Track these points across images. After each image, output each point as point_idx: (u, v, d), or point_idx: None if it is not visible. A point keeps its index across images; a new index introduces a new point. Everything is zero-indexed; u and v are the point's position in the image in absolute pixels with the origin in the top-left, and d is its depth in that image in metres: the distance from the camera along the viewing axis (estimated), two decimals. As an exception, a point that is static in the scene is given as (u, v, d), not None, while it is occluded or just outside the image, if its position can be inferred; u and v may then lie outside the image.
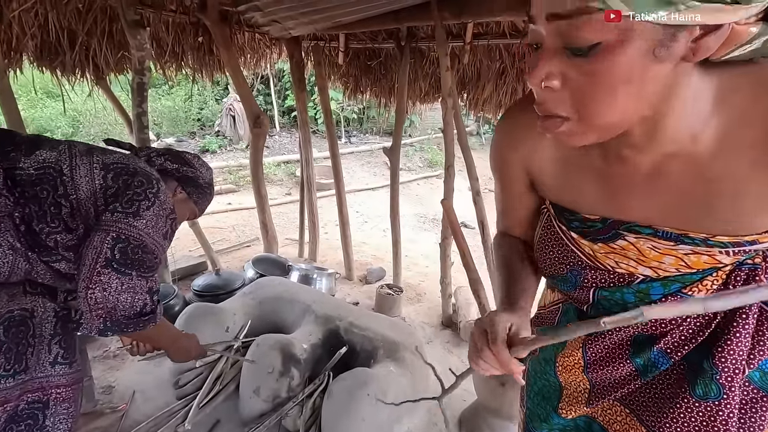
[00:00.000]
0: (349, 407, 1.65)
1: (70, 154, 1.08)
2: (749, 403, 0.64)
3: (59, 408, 1.15)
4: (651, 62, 0.45)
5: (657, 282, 0.64)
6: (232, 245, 4.16)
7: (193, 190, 1.34)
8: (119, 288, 1.00)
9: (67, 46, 2.67)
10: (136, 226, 1.05)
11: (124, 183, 1.08)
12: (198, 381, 2.01)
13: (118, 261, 1.01)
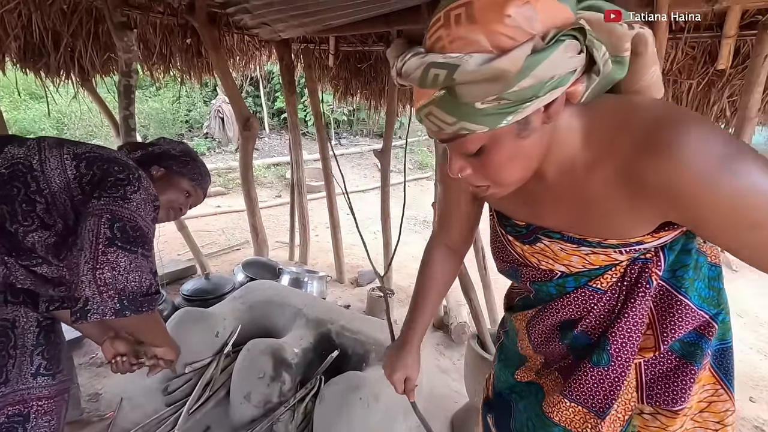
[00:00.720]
0: (341, 411, 1.64)
1: (39, 148, 1.04)
2: (673, 370, 0.75)
3: (40, 421, 1.11)
4: (522, 140, 0.59)
5: (570, 277, 0.76)
6: (222, 249, 4.12)
7: (171, 162, 1.26)
8: (128, 267, 0.96)
9: (52, 48, 2.62)
10: (128, 207, 1.01)
11: (101, 170, 1.04)
12: (187, 387, 1.98)
13: (121, 239, 0.96)
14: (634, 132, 0.58)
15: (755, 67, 1.69)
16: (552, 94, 0.55)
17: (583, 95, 0.59)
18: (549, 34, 0.52)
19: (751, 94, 1.71)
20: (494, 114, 0.55)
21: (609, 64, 0.58)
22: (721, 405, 0.79)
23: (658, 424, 0.76)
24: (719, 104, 2.13)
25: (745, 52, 1.95)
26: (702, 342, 0.73)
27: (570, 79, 0.55)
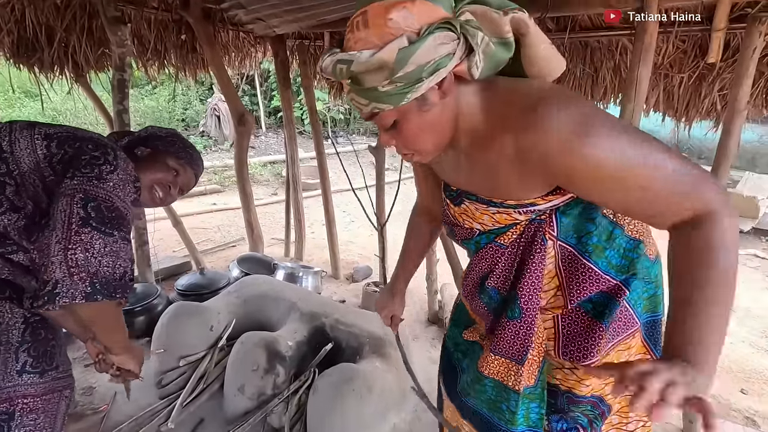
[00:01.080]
0: (334, 402, 1.65)
1: (10, 129, 1.00)
2: (585, 329, 0.84)
3: (25, 419, 1.08)
4: (425, 114, 0.71)
5: (484, 234, 0.90)
6: (217, 245, 4.12)
7: (157, 142, 1.22)
8: (102, 249, 0.91)
9: (45, 43, 2.62)
10: (103, 187, 0.95)
11: (73, 148, 1.00)
12: (181, 380, 1.99)
13: (96, 219, 0.91)
14: (518, 111, 0.69)
15: (744, 59, 1.70)
16: (438, 75, 0.66)
17: (475, 73, 0.69)
18: (423, 29, 0.63)
19: (740, 86, 1.73)
20: (395, 94, 0.67)
21: (491, 46, 0.69)
22: None
23: (575, 377, 0.86)
24: (710, 98, 2.15)
25: (735, 46, 1.97)
26: (611, 304, 0.83)
27: (449, 61, 0.66)
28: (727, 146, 1.80)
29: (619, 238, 0.83)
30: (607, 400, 0.88)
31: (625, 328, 0.85)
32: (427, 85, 0.66)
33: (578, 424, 0.87)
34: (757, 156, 7.64)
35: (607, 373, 0.62)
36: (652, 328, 0.89)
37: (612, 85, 2.41)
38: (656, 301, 0.88)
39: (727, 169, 1.87)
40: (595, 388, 0.86)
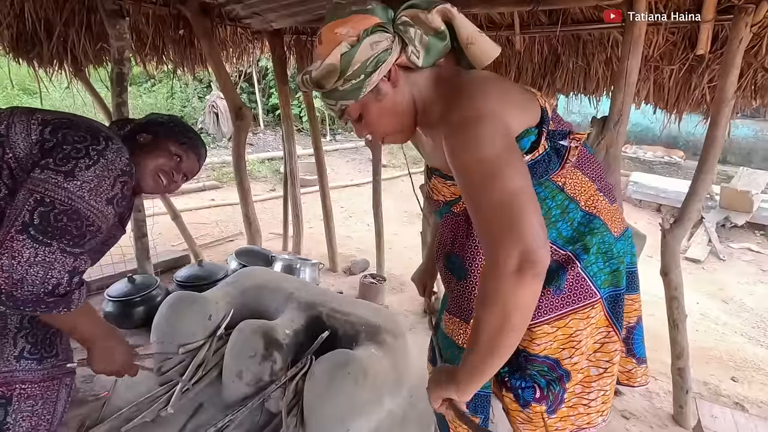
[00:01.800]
0: (330, 386, 1.68)
1: (10, 113, 1.01)
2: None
3: (23, 405, 1.09)
4: (381, 102, 0.86)
5: (446, 205, 1.01)
6: (216, 239, 4.15)
7: (158, 128, 1.21)
8: (31, 259, 0.88)
9: (44, 37, 2.64)
10: (67, 188, 0.93)
11: (62, 136, 0.98)
12: (180, 368, 2.02)
13: (36, 227, 0.89)
14: (447, 98, 0.83)
15: (731, 50, 1.73)
16: (382, 69, 0.81)
17: (416, 62, 0.83)
18: (360, 35, 0.79)
19: (727, 77, 1.76)
20: (352, 90, 0.82)
21: (425, 38, 0.82)
22: (611, 345, 0.96)
23: (527, 338, 0.93)
24: (699, 89, 2.19)
25: (723, 37, 2.00)
26: (560, 271, 0.89)
27: (389, 56, 0.81)
28: (715, 136, 1.84)
29: (573, 211, 0.91)
30: (564, 365, 0.93)
31: (582, 298, 0.91)
32: (377, 78, 0.82)
33: (536, 384, 0.94)
34: (752, 152, 7.69)
35: None
36: (615, 302, 0.95)
37: (604, 78, 2.44)
38: (618, 276, 0.94)
39: (716, 158, 1.90)
40: (548, 349, 0.93)
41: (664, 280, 2.03)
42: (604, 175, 0.99)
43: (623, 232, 0.97)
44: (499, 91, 0.82)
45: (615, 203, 0.98)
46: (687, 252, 4.75)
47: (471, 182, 0.74)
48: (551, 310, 0.90)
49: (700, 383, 2.37)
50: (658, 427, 2.01)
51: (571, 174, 0.91)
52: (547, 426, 0.97)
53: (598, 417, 0.99)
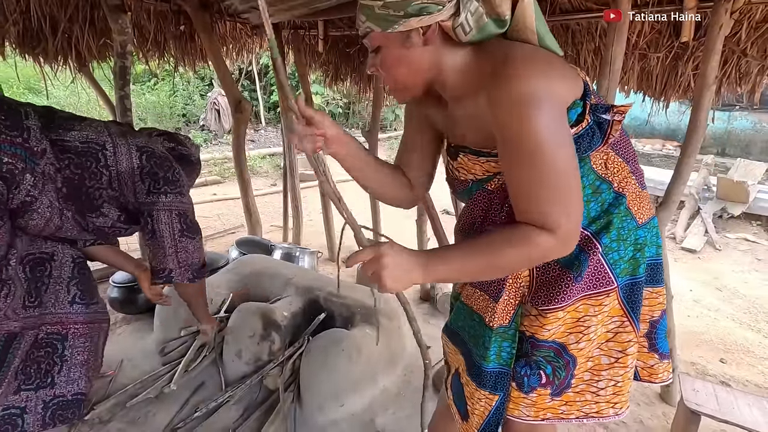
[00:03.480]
0: (325, 362, 1.76)
1: (109, 133, 1.31)
2: (555, 278, 0.89)
3: (77, 341, 1.34)
4: (406, 50, 0.82)
5: (476, 183, 0.95)
6: (217, 231, 4.23)
7: (185, 165, 1.51)
8: (193, 249, 1.43)
9: (49, 33, 2.72)
10: (185, 201, 1.41)
11: (155, 165, 1.35)
12: (183, 348, 2.10)
13: (187, 230, 1.40)
14: (494, 66, 0.78)
15: (712, 36, 1.78)
16: (423, 19, 0.78)
17: (462, 36, 0.81)
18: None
19: (708, 62, 1.81)
20: (384, 20, 0.80)
21: (484, 18, 0.80)
22: (625, 336, 0.92)
23: (538, 323, 0.91)
24: (685, 76, 2.24)
25: (707, 25, 2.04)
26: (581, 255, 0.87)
27: (436, 10, 0.77)
28: (697, 119, 1.89)
29: (605, 192, 0.88)
30: (570, 350, 0.91)
31: (599, 285, 0.88)
32: (413, 24, 0.79)
33: (541, 370, 0.92)
34: (751, 143, 7.70)
35: (355, 260, 0.80)
36: (632, 291, 0.91)
37: (593, 67, 2.49)
38: (636, 264, 0.91)
39: (699, 142, 1.95)
40: (556, 333, 0.90)
41: (650, 262, 2.08)
42: (636, 159, 0.96)
43: (648, 221, 0.93)
44: (547, 62, 0.79)
45: (645, 189, 0.95)
46: (683, 242, 4.79)
47: (528, 160, 0.75)
48: (570, 297, 0.87)
49: (688, 364, 2.43)
50: (645, 405, 2.07)
51: (609, 154, 0.89)
52: (549, 407, 0.94)
53: (609, 408, 0.94)
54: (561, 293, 0.86)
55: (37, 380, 1.26)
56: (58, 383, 1.29)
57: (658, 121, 8.93)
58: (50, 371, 1.28)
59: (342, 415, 1.76)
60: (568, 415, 0.95)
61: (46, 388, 1.27)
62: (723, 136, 8.08)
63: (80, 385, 1.33)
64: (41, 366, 1.27)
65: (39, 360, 1.27)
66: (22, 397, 1.23)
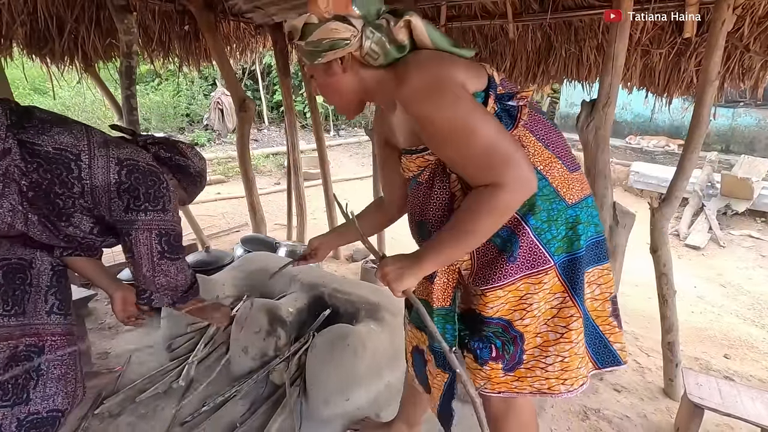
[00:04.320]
0: (331, 357, 1.77)
1: (88, 142, 1.17)
2: (492, 260, 0.97)
3: (54, 354, 1.25)
4: (331, 77, 0.97)
5: (413, 179, 1.08)
6: (222, 230, 4.26)
7: (184, 177, 1.41)
8: (175, 272, 1.29)
9: (56, 34, 2.75)
10: (167, 219, 1.25)
11: (137, 180, 1.20)
12: (190, 344, 2.13)
13: (168, 252, 1.26)
14: (398, 75, 0.93)
15: (714, 31, 1.79)
16: (337, 52, 0.92)
17: (371, 62, 0.95)
18: (327, 16, 0.89)
19: (711, 58, 1.82)
20: (311, 55, 0.95)
21: (386, 46, 0.93)
22: (567, 311, 0.98)
23: (482, 302, 0.99)
24: (688, 72, 2.24)
25: (709, 21, 2.05)
26: (512, 237, 0.95)
27: (344, 45, 0.91)
28: (700, 115, 1.90)
29: (539, 181, 0.94)
30: (516, 326, 0.98)
31: (536, 264, 0.95)
32: (331, 57, 0.93)
33: (492, 344, 1.00)
34: (755, 140, 7.66)
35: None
36: (570, 268, 0.97)
37: (596, 64, 2.50)
38: (571, 241, 0.97)
39: (701, 137, 1.96)
40: (500, 311, 0.98)
41: (653, 257, 2.09)
42: (563, 143, 1.03)
43: (580, 201, 0.99)
44: (438, 57, 0.93)
45: (576, 171, 1.01)
46: (687, 239, 4.79)
47: (455, 141, 0.86)
48: (506, 277, 0.94)
49: (692, 359, 2.44)
50: (648, 399, 2.08)
51: (526, 138, 0.96)
52: (503, 382, 1.02)
53: (560, 385, 1.00)
54: (497, 273, 0.95)
55: (14, 396, 1.18)
56: (33, 399, 1.21)
57: (662, 118, 8.90)
58: (26, 386, 1.20)
59: (348, 409, 1.78)
60: (521, 390, 1.03)
61: (21, 404, 1.19)
62: (727, 132, 8.06)
63: (56, 401, 1.25)
64: (18, 381, 1.18)
65: (17, 374, 1.18)
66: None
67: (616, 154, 7.59)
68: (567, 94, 10.42)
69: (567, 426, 1.80)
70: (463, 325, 1.06)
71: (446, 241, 0.91)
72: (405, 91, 0.89)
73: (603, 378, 2.20)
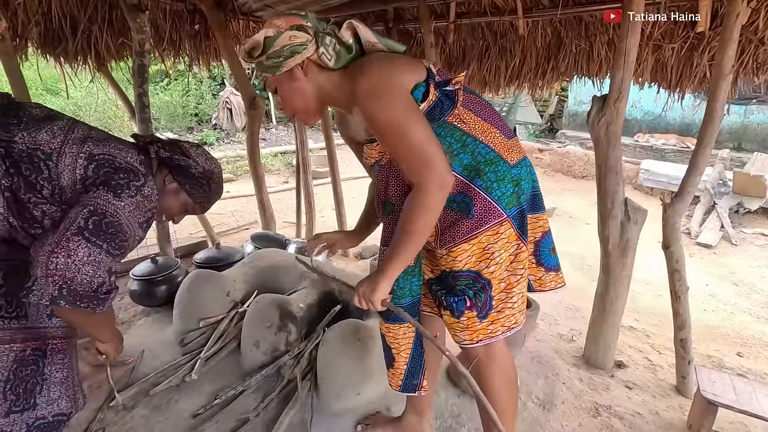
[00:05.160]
0: (342, 351, 1.78)
1: (63, 139, 1.08)
2: (455, 221, 1.10)
3: (55, 358, 1.23)
4: (295, 83, 1.10)
5: (376, 163, 1.23)
6: (231, 228, 4.29)
7: (186, 180, 1.28)
8: (84, 258, 0.98)
9: (70, 33, 2.79)
10: (115, 204, 1.05)
11: (106, 174, 1.08)
12: (202, 339, 2.15)
13: (90, 231, 1.00)
14: (352, 75, 1.06)
15: (728, 24, 1.77)
16: (297, 58, 1.05)
17: (327, 63, 1.07)
18: (285, 28, 1.03)
19: (725, 51, 1.80)
20: (272, 66, 1.07)
21: (336, 47, 1.07)
22: (522, 255, 1.15)
23: (451, 259, 1.13)
24: (701, 67, 2.22)
25: (723, 14, 2.03)
26: (466, 198, 1.09)
27: (303, 50, 1.04)
28: (713, 110, 1.88)
29: (472, 144, 1.10)
30: (483, 274, 1.12)
31: (491, 218, 1.10)
32: (292, 64, 1.06)
33: (466, 296, 1.13)
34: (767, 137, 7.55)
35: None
36: (521, 219, 1.14)
37: (607, 59, 2.49)
38: (518, 195, 1.13)
39: (715, 132, 1.94)
40: (468, 263, 1.12)
41: (665, 254, 2.08)
42: (498, 116, 1.19)
43: (520, 161, 1.15)
44: (386, 61, 1.07)
45: (512, 138, 1.17)
46: (699, 237, 4.73)
47: (390, 139, 1.02)
48: (468, 232, 1.10)
49: (704, 357, 2.41)
50: (660, 397, 2.06)
51: (466, 115, 1.12)
52: (480, 329, 1.16)
53: (521, 316, 1.20)
54: (460, 231, 1.10)
55: (23, 401, 1.16)
56: (39, 404, 1.19)
57: (672, 116, 8.80)
58: (33, 391, 1.18)
59: (359, 403, 1.79)
60: (495, 333, 1.17)
61: (29, 410, 1.17)
62: (739, 130, 7.94)
63: (60, 405, 1.24)
64: (27, 386, 1.17)
65: (26, 379, 1.16)
66: (10, 420, 1.13)
67: (626, 152, 7.52)
68: (576, 92, 10.34)
69: (578, 422, 1.79)
70: (439, 286, 1.19)
71: (399, 247, 1.05)
72: (355, 92, 1.03)
73: (614, 375, 2.19)
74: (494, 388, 1.24)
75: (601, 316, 2.22)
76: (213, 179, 1.34)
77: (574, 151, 8.73)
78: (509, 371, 1.28)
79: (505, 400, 1.26)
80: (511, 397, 1.29)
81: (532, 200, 1.20)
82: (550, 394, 1.94)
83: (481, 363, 1.23)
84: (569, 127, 10.51)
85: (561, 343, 2.48)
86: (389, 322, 1.36)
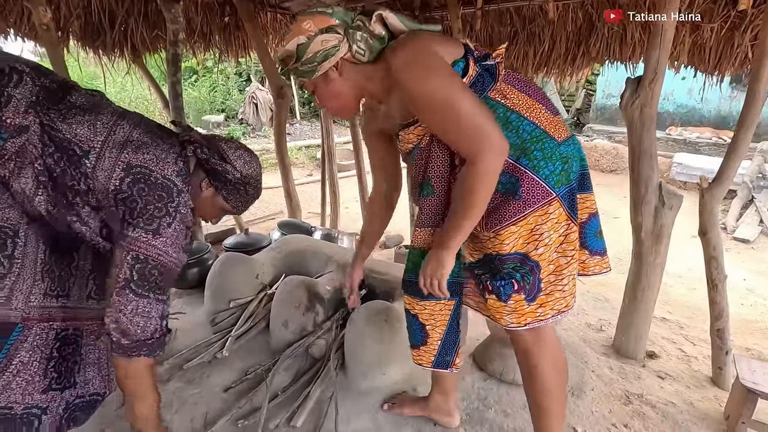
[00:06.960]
0: (369, 331, 1.80)
1: (105, 138, 1.06)
2: (500, 203, 1.06)
3: (89, 339, 1.25)
4: (329, 85, 1.11)
5: (415, 149, 1.20)
6: (258, 217, 4.38)
7: (222, 185, 1.23)
8: (134, 311, 1.04)
9: (108, 26, 2.91)
10: (155, 245, 1.05)
11: (139, 192, 1.05)
12: (232, 319, 2.21)
13: (136, 282, 1.04)
14: (388, 60, 1.03)
15: (773, 0, 1.70)
16: (330, 60, 1.05)
17: (361, 59, 1.07)
18: (315, 32, 1.02)
19: (769, 28, 1.73)
20: (307, 72, 1.07)
21: (368, 41, 1.06)
22: (573, 236, 1.10)
23: (498, 242, 1.09)
24: (742, 47, 2.13)
25: (767, -9, 1.95)
26: (512, 179, 1.06)
27: (336, 51, 1.04)
28: (755, 91, 1.80)
29: (516, 121, 1.07)
30: (531, 256, 1.08)
31: (540, 198, 1.05)
32: (327, 66, 1.06)
33: (513, 279, 1.09)
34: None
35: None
36: (570, 198, 1.09)
37: (641, 42, 2.41)
38: (567, 173, 1.08)
39: (757, 115, 1.86)
40: (515, 246, 1.08)
41: (702, 240, 2.01)
42: (542, 93, 1.15)
43: (567, 138, 1.11)
44: (423, 37, 1.04)
45: (557, 115, 1.13)
46: (735, 232, 4.55)
47: (436, 112, 0.99)
48: (516, 214, 1.06)
49: (743, 350, 2.33)
50: (695, 387, 2.00)
51: (509, 90, 1.09)
52: (528, 312, 1.12)
53: (572, 299, 1.15)
54: (507, 213, 1.06)
55: (65, 380, 1.17)
56: (78, 383, 1.21)
57: (707, 108, 8.46)
58: (72, 370, 1.20)
59: (385, 382, 1.80)
60: (544, 316, 1.12)
61: (70, 388, 1.19)
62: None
63: (95, 384, 1.26)
64: (68, 364, 1.18)
65: (68, 357, 1.18)
66: (48, 397, 1.13)
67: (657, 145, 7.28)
68: (603, 85, 10.06)
69: (608, 408, 1.76)
70: (482, 270, 1.15)
71: (460, 218, 1.04)
72: (392, 70, 1.01)
73: (645, 365, 2.13)
74: (544, 374, 1.18)
75: (633, 305, 2.16)
76: (251, 183, 1.27)
77: (602, 145, 8.51)
78: (559, 359, 1.22)
79: (555, 389, 1.20)
80: (560, 388, 1.21)
81: (580, 179, 1.15)
82: (579, 382, 1.91)
83: (527, 344, 1.19)
84: (596, 121, 10.24)
85: (589, 332, 2.44)
86: (425, 300, 1.30)
